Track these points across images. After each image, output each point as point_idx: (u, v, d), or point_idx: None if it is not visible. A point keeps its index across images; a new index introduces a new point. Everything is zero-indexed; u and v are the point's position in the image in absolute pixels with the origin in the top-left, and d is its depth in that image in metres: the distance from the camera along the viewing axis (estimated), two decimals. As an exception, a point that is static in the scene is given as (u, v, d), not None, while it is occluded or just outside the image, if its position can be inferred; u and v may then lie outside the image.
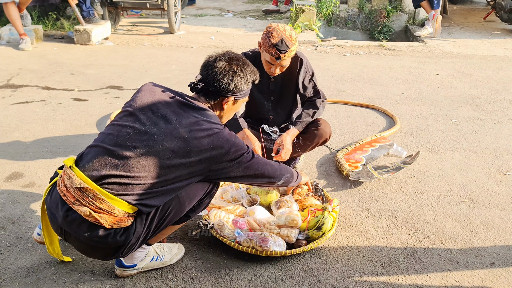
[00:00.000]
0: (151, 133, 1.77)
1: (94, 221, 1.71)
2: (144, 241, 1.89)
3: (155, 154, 1.75)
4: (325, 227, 2.22)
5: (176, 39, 6.59)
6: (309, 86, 2.77)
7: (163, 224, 1.88)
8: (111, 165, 1.74)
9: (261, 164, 1.98)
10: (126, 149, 1.75)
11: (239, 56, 1.98)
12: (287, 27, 2.53)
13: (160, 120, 1.80)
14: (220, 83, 1.89)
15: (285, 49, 2.49)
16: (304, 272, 2.10)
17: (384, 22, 7.77)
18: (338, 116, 3.96)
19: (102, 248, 1.80)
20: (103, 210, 1.71)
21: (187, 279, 2.04)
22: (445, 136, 3.63)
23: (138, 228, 1.79)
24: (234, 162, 1.87)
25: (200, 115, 1.84)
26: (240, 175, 1.93)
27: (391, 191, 2.80)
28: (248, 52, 2.82)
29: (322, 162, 3.16)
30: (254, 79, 2.03)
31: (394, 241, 2.34)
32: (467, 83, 5.01)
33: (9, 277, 2.01)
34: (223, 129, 1.86)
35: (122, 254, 1.83)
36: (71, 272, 2.06)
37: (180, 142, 1.76)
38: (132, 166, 1.73)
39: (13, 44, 5.84)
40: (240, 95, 1.98)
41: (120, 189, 1.72)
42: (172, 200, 1.84)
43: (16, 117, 3.71)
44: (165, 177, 1.76)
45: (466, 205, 2.68)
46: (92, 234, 1.73)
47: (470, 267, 2.16)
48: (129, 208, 1.75)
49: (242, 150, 1.88)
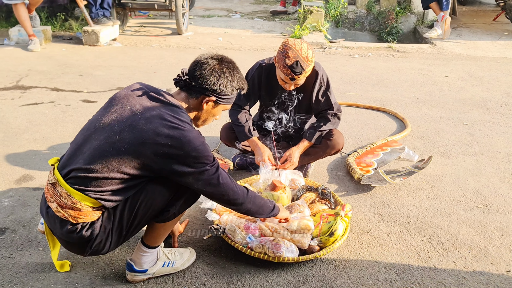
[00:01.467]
0: (112, 125, 1.75)
1: (62, 216, 1.74)
2: (121, 237, 1.84)
3: (111, 145, 1.71)
4: (338, 233, 2.19)
5: (184, 40, 6.59)
6: (322, 100, 2.76)
7: (137, 219, 1.82)
8: (76, 160, 1.76)
9: (225, 185, 1.82)
10: (88, 143, 1.77)
11: (231, 60, 1.94)
12: (304, 46, 2.49)
13: (126, 112, 1.77)
14: (205, 79, 1.84)
15: (299, 71, 2.47)
16: (316, 278, 2.08)
17: (392, 24, 7.72)
18: (348, 119, 3.93)
19: (75, 243, 1.80)
20: (67, 205, 1.73)
21: (199, 285, 2.02)
22: (457, 140, 3.59)
23: (105, 222, 1.78)
24: (193, 170, 1.74)
25: (167, 110, 1.76)
26: (200, 188, 1.81)
27: (403, 196, 2.77)
28: (264, 62, 2.79)
29: (333, 166, 3.13)
30: (240, 87, 1.96)
31: (407, 247, 2.31)
32: (478, 86, 4.96)
33: (21, 281, 2.00)
34: (190, 130, 1.74)
35: (91, 248, 1.80)
36: (82, 276, 2.04)
37: (137, 133, 1.70)
38: (90, 159, 1.73)
39: (22, 45, 5.85)
40: (223, 99, 1.91)
41: (80, 183, 1.72)
42: (140, 194, 1.79)
43: (25, 119, 3.71)
44: (121, 170, 1.71)
45: (480, 210, 2.64)
46: (62, 229, 1.76)
47: (486, 275, 2.12)
48: (91, 202, 1.73)
49: (204, 160, 1.75)
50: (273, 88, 2.78)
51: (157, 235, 1.96)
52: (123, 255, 2.19)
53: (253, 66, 2.84)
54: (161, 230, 1.95)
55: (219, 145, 3.33)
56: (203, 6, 9.27)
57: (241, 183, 2.66)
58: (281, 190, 2.46)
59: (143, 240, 1.97)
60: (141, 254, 1.98)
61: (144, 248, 1.97)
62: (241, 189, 1.91)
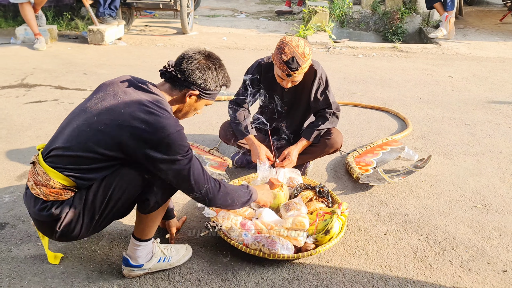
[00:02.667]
0: (93, 108, 1.80)
1: (36, 194, 1.79)
2: (93, 221, 1.83)
3: (88, 125, 1.76)
4: (334, 231, 2.19)
5: (189, 39, 6.61)
6: (321, 99, 2.77)
7: (111, 204, 1.82)
8: (57, 140, 1.82)
9: (195, 178, 1.80)
10: (70, 125, 1.82)
11: (218, 57, 1.97)
12: (301, 42, 2.50)
13: (108, 97, 1.81)
14: (191, 73, 1.86)
15: (295, 67, 2.48)
16: (311, 276, 2.08)
17: (397, 24, 7.69)
18: (349, 118, 3.93)
19: (44, 222, 1.81)
20: (41, 183, 1.77)
21: (194, 280, 2.04)
22: (458, 140, 3.57)
23: (76, 203, 1.79)
24: (164, 158, 1.73)
25: (147, 97, 1.80)
26: (169, 178, 1.79)
27: (401, 195, 2.77)
28: (263, 60, 2.80)
29: (332, 165, 3.13)
30: (224, 84, 1.99)
31: (404, 246, 2.31)
32: (482, 86, 4.93)
33: (19, 275, 2.03)
34: (166, 117, 1.75)
35: (61, 229, 1.80)
36: (79, 271, 2.07)
37: (114, 116, 1.74)
38: (67, 139, 1.78)
39: (28, 43, 5.92)
40: (206, 94, 1.94)
41: (56, 161, 1.77)
42: (113, 178, 1.79)
43: (29, 116, 3.75)
44: (95, 150, 1.73)
45: (478, 210, 2.63)
46: (35, 207, 1.80)
47: (482, 274, 2.12)
48: (65, 180, 1.76)
49: (177, 149, 1.74)
50: (272, 86, 2.79)
51: (145, 227, 1.96)
52: (120, 251, 2.21)
53: (253, 65, 2.85)
54: (148, 222, 1.95)
55: (219, 144, 3.34)
56: (209, 6, 9.30)
57: (239, 181, 2.67)
58: (279, 188, 2.47)
59: (134, 233, 1.99)
60: (134, 248, 1.99)
61: (136, 242, 1.99)
62: (212, 184, 1.87)
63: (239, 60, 5.62)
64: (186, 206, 2.59)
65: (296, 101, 2.83)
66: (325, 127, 2.78)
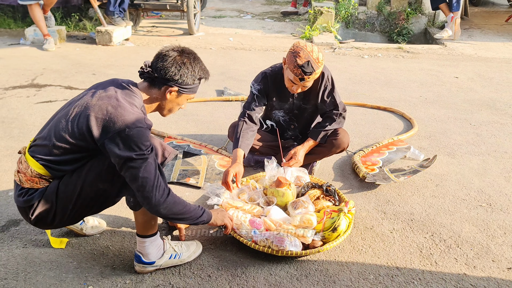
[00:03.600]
0: (75, 102, 1.89)
1: (17, 181, 1.93)
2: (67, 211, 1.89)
3: (64, 117, 1.85)
4: (341, 229, 2.24)
5: (195, 40, 6.67)
6: (328, 100, 2.81)
7: (83, 194, 1.86)
8: (41, 131, 1.95)
9: (144, 180, 1.77)
10: (54, 118, 1.94)
11: (192, 51, 2.01)
12: (315, 48, 2.54)
13: (89, 94, 1.89)
14: (166, 70, 1.91)
15: (310, 71, 2.51)
16: (319, 272, 2.13)
17: (403, 25, 7.72)
18: (355, 118, 3.97)
19: (21, 207, 1.93)
20: (22, 171, 1.90)
21: (204, 276, 2.09)
22: (463, 140, 3.60)
23: (49, 191, 1.88)
24: (119, 152, 1.74)
25: (121, 94, 1.86)
26: (122, 174, 1.80)
27: (407, 194, 2.81)
28: (268, 71, 2.83)
29: (338, 164, 3.18)
30: (202, 76, 2.03)
31: (410, 244, 2.35)
32: (487, 87, 4.95)
33: (34, 270, 2.08)
34: (132, 112, 1.79)
35: (35, 215, 1.89)
36: (93, 267, 2.12)
37: (87, 108, 1.82)
38: (47, 130, 1.89)
39: (37, 44, 5.99)
40: (185, 89, 1.98)
41: (36, 150, 1.89)
42: (83, 170, 1.86)
43: (40, 116, 3.82)
44: (66, 139, 1.81)
45: (483, 209, 2.67)
46: (15, 193, 1.94)
47: (487, 272, 2.15)
48: (40, 168, 1.87)
49: (133, 145, 1.74)
50: (281, 93, 2.83)
51: (141, 223, 2.02)
52: (132, 247, 2.27)
53: (257, 77, 2.85)
54: (142, 218, 2.00)
55: (227, 143, 3.39)
56: (215, 7, 9.36)
57: (247, 180, 2.72)
58: (286, 186, 2.52)
59: (136, 231, 2.06)
60: (141, 244, 2.05)
61: (140, 239, 2.05)
62: (160, 192, 1.80)
63: (246, 61, 5.67)
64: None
65: (304, 104, 2.87)
66: (332, 128, 2.83)
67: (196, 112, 4.03)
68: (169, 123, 3.76)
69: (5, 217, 2.47)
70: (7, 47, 5.90)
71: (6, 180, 2.83)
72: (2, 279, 2.02)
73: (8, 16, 6.96)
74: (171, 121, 3.79)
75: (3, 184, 2.78)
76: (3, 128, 3.56)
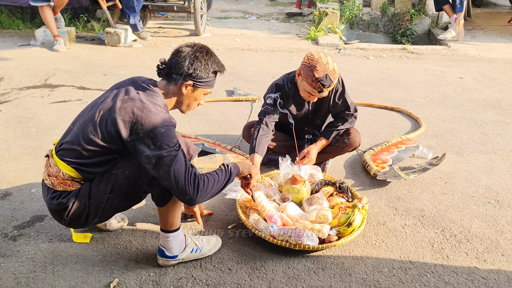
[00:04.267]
0: (98, 105, 1.95)
1: (49, 184, 1.98)
2: (99, 210, 1.97)
3: (91, 121, 1.91)
4: (356, 224, 2.32)
5: (202, 41, 6.74)
6: (339, 102, 2.90)
7: (113, 194, 1.95)
8: (67, 135, 2.00)
9: (175, 178, 1.83)
10: (79, 121, 1.99)
11: (205, 46, 2.06)
12: (329, 59, 2.61)
13: (112, 95, 1.95)
14: (180, 65, 1.97)
15: (328, 84, 2.59)
16: (335, 265, 2.21)
17: (407, 25, 7.80)
18: (364, 118, 4.05)
19: (54, 210, 2.00)
20: (53, 174, 1.96)
21: (225, 269, 2.17)
22: (470, 139, 3.69)
23: (82, 193, 1.96)
24: (149, 152, 1.81)
25: (144, 95, 1.93)
26: (153, 173, 1.88)
27: (417, 191, 2.89)
28: (280, 81, 2.88)
29: (349, 163, 3.26)
30: (216, 70, 2.06)
31: (421, 238, 2.43)
32: (492, 87, 5.04)
33: (61, 263, 2.17)
34: (157, 113, 1.86)
35: (69, 217, 1.97)
36: (117, 260, 2.21)
37: (112, 111, 1.87)
38: (75, 134, 1.95)
39: (47, 45, 6.08)
40: (200, 82, 2.02)
41: (65, 154, 1.95)
42: (114, 170, 1.94)
43: (55, 115, 3.90)
44: (96, 143, 1.88)
45: (491, 206, 2.75)
46: (47, 196, 1.99)
47: (497, 265, 2.23)
48: (72, 171, 1.93)
49: (161, 143, 1.82)
50: (299, 101, 2.91)
51: (165, 218, 2.09)
52: (153, 241, 2.35)
53: (271, 88, 2.91)
54: (166, 214, 2.08)
55: (240, 141, 3.47)
56: (220, 8, 9.44)
57: (263, 177, 2.80)
58: (301, 183, 2.60)
59: (160, 226, 2.14)
60: (164, 239, 2.13)
61: (163, 233, 2.13)
62: (193, 184, 1.87)
63: (253, 62, 5.76)
64: (212, 200, 2.72)
65: (318, 105, 2.95)
66: (344, 128, 2.91)
67: (207, 112, 4.12)
68: (182, 122, 3.84)
69: (29, 213, 2.55)
70: (18, 48, 5.98)
71: (28, 177, 2.92)
72: (31, 271, 2.11)
73: (17, 17, 7.05)
74: (183, 120, 3.87)
75: (25, 182, 2.87)
76: (21, 127, 3.65)
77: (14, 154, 3.23)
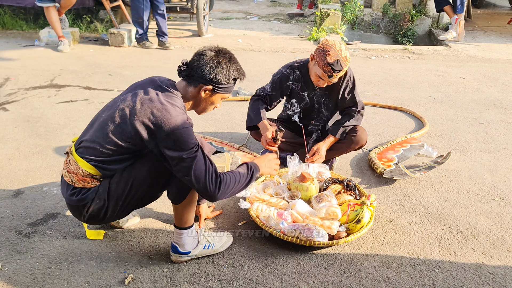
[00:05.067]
0: (118, 105, 1.98)
1: (68, 181, 2.02)
2: (118, 207, 2.01)
3: (111, 120, 1.95)
4: (364, 220, 2.36)
5: (205, 41, 6.79)
6: (348, 97, 2.96)
7: (133, 191, 1.99)
8: (87, 133, 2.03)
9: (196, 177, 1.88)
10: (99, 119, 2.03)
11: (229, 52, 2.09)
12: (343, 47, 2.68)
13: (131, 95, 1.99)
14: (202, 69, 1.99)
15: (339, 69, 2.66)
16: (345, 261, 2.25)
17: (408, 26, 7.86)
18: (368, 117, 4.09)
19: (74, 206, 2.04)
20: (73, 171, 2.00)
21: (237, 265, 2.21)
22: (473, 138, 3.74)
23: (101, 190, 2.00)
24: (170, 152, 1.86)
25: (163, 96, 1.95)
26: (174, 172, 1.92)
27: (423, 189, 2.93)
28: (294, 64, 2.97)
29: (355, 161, 3.30)
30: (236, 77, 2.08)
31: (428, 235, 2.48)
32: (493, 87, 5.09)
33: (76, 259, 2.20)
34: (176, 115, 1.88)
35: (88, 213, 2.02)
36: (131, 256, 2.24)
37: (132, 111, 1.91)
38: (94, 132, 1.99)
39: (52, 46, 6.11)
40: (220, 88, 2.04)
41: (84, 151, 1.99)
42: (133, 168, 1.98)
43: (63, 115, 3.94)
44: (115, 142, 1.92)
45: (496, 203, 2.80)
46: (67, 193, 2.04)
47: (503, 261, 2.28)
48: (91, 169, 1.97)
49: (182, 145, 1.86)
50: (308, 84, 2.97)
51: (180, 215, 2.13)
52: (165, 238, 2.39)
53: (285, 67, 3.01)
54: (182, 211, 2.11)
55: (247, 140, 3.51)
56: (221, 9, 9.48)
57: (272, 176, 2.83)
58: (310, 181, 2.64)
59: (174, 223, 2.17)
60: (178, 236, 2.17)
61: (178, 230, 2.16)
62: (213, 184, 1.92)
63: (256, 62, 5.80)
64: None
65: (326, 98, 2.99)
66: (350, 124, 2.96)
67: (213, 112, 4.14)
68: (188, 122, 3.87)
69: (42, 210, 2.59)
70: (23, 48, 6.02)
71: (39, 176, 2.95)
72: (47, 267, 2.14)
73: (20, 18, 7.08)
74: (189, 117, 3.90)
75: (37, 180, 2.90)
76: (30, 127, 3.69)
77: (25, 153, 3.26)
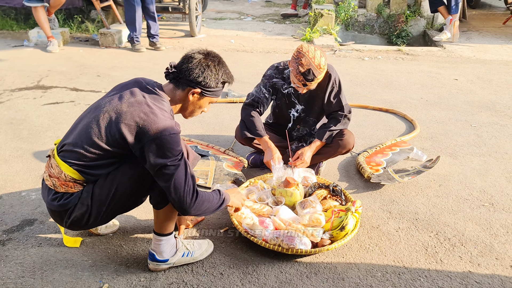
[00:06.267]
0: (102, 107, 1.92)
1: (50, 185, 1.96)
2: (101, 212, 1.95)
3: (95, 123, 1.89)
4: (349, 227, 2.30)
5: (197, 42, 6.73)
6: (334, 101, 2.89)
7: (116, 197, 1.93)
8: (70, 136, 1.97)
9: (175, 187, 1.84)
10: (82, 121, 1.96)
11: (217, 55, 2.05)
12: (317, 53, 2.60)
13: (117, 97, 1.93)
14: (190, 72, 1.95)
15: (311, 78, 2.59)
16: (328, 270, 2.19)
17: (402, 27, 7.80)
18: (358, 120, 4.03)
19: (56, 211, 1.98)
20: (54, 175, 1.94)
21: (217, 274, 2.14)
22: (464, 141, 3.68)
23: (84, 195, 1.93)
24: (153, 158, 1.81)
25: (150, 98, 1.91)
26: (155, 177, 1.87)
27: (411, 194, 2.87)
28: (280, 65, 2.90)
29: (343, 165, 3.24)
30: (225, 80, 2.06)
31: (415, 242, 2.42)
32: (487, 89, 5.03)
33: (50, 268, 2.13)
34: (163, 119, 1.84)
35: (70, 219, 1.95)
36: (107, 265, 2.18)
37: (118, 114, 1.85)
38: (77, 135, 1.92)
39: (41, 46, 6.04)
40: (208, 91, 2.01)
41: (67, 155, 1.92)
42: (116, 173, 1.92)
43: (47, 117, 3.86)
44: (99, 146, 1.86)
45: (486, 209, 2.74)
46: (48, 197, 1.97)
47: (491, 269, 2.22)
48: (74, 173, 1.91)
49: (166, 151, 1.81)
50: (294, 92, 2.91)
51: (161, 221, 2.07)
52: (144, 245, 2.32)
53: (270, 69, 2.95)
54: (163, 217, 2.06)
55: (233, 144, 3.45)
56: (215, 9, 9.42)
57: (255, 180, 2.78)
58: (294, 186, 2.58)
59: (154, 229, 2.11)
60: (157, 243, 2.10)
61: (157, 237, 2.10)
62: (190, 195, 1.89)
63: (248, 63, 5.73)
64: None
65: (311, 103, 2.93)
66: (337, 129, 2.89)
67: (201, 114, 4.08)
68: (175, 124, 3.80)
69: (19, 216, 2.52)
70: (11, 49, 5.94)
71: (18, 180, 2.88)
72: (20, 277, 2.07)
73: (11, 18, 6.99)
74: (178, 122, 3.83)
75: (15, 185, 2.83)
76: (12, 130, 3.61)
77: (5, 156, 3.19)
